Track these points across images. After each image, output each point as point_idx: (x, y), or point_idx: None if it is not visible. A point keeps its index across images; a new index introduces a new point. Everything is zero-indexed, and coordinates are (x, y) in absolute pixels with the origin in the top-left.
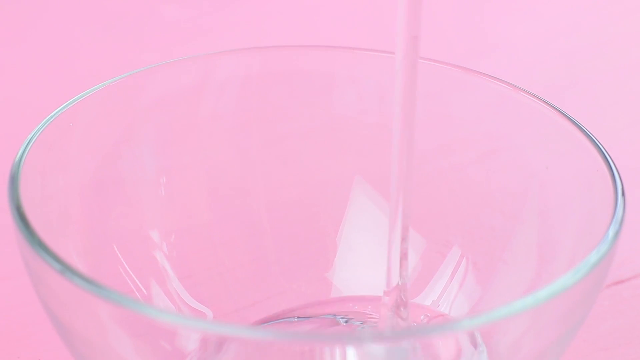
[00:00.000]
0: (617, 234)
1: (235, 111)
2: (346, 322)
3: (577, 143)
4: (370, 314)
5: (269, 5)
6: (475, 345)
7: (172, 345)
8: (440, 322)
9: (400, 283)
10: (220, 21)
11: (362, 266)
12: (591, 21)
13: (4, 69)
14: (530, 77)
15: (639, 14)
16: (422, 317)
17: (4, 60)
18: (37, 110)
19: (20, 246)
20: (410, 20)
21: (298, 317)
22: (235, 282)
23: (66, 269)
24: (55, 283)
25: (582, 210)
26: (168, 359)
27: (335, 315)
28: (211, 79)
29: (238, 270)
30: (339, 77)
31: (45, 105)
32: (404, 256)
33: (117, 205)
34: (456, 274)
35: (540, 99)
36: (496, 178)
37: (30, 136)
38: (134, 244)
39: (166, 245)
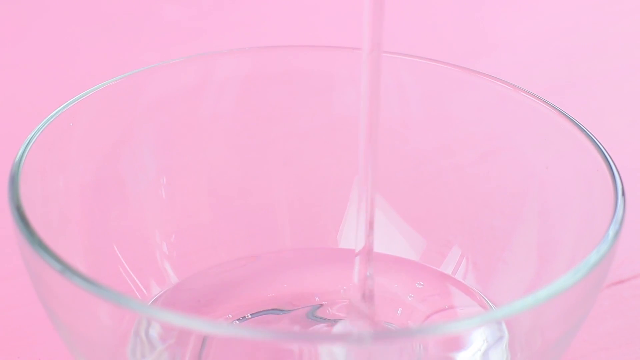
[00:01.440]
0: (617, 234)
1: (235, 111)
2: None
3: (577, 143)
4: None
5: (268, 6)
6: (500, 332)
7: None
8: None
9: (368, 274)
10: (220, 21)
11: None
12: (591, 21)
13: (4, 69)
14: (530, 77)
15: (639, 14)
16: (398, 310)
17: (4, 60)
18: (37, 110)
19: (20, 246)
20: (374, 29)
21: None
22: (235, 282)
23: (66, 269)
24: (55, 283)
25: (582, 210)
26: (166, 358)
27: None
28: (211, 79)
29: (238, 270)
30: (339, 77)
31: (45, 105)
32: (370, 249)
33: (117, 205)
34: (456, 274)
35: (540, 99)
36: (496, 178)
37: (30, 136)
38: (134, 244)
39: (166, 245)
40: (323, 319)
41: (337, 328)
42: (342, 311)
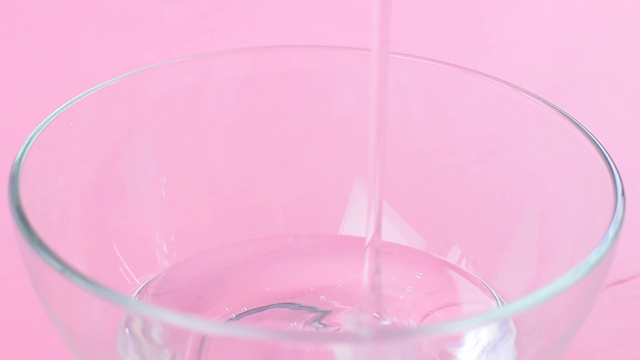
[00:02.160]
0: (617, 234)
1: (235, 111)
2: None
3: (577, 143)
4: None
5: (268, 5)
6: (506, 329)
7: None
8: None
9: (375, 272)
10: (220, 21)
11: None
12: (591, 21)
13: (4, 69)
14: (530, 77)
15: (639, 14)
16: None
17: (4, 60)
18: (37, 110)
19: (20, 246)
20: (382, 27)
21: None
22: (235, 282)
23: (66, 269)
24: (55, 283)
25: (582, 210)
26: (166, 357)
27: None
28: (211, 79)
29: (238, 270)
30: (339, 77)
31: (45, 105)
32: (378, 242)
33: (117, 205)
34: None
35: (540, 99)
36: (496, 178)
37: (30, 136)
38: (134, 244)
39: (166, 245)
40: (323, 316)
41: (342, 323)
42: (343, 307)
